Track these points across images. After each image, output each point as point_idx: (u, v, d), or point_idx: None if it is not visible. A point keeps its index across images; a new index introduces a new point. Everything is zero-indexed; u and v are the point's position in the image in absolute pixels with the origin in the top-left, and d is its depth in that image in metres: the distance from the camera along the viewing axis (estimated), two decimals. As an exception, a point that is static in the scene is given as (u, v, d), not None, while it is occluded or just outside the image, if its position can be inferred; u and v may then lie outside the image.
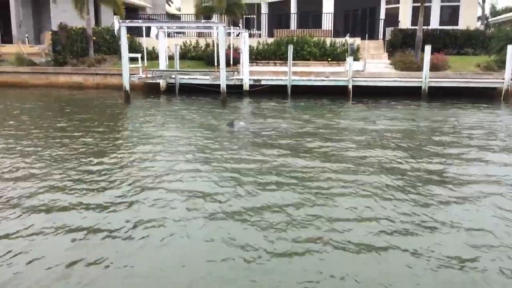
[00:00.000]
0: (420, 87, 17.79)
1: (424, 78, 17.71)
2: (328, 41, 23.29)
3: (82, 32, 23.26)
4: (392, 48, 23.80)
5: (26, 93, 20.06)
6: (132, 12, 31.86)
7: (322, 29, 26.27)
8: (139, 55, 18.56)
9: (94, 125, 11.79)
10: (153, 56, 22.02)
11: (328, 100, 17.24)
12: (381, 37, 26.51)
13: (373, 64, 21.77)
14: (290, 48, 18.77)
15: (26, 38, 27.50)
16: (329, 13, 26.96)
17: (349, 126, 11.95)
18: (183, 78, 19.37)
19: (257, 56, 23.11)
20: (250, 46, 20.50)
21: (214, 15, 26.61)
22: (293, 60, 18.99)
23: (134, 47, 22.08)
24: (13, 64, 22.61)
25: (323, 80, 18.71)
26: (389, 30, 25.49)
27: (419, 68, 18.64)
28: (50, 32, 24.45)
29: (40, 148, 8.98)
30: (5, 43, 26.73)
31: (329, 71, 20.23)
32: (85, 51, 23.14)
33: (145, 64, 18.72)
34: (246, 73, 18.69)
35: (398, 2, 27.01)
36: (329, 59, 22.69)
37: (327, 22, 26.71)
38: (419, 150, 9.10)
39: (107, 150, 8.90)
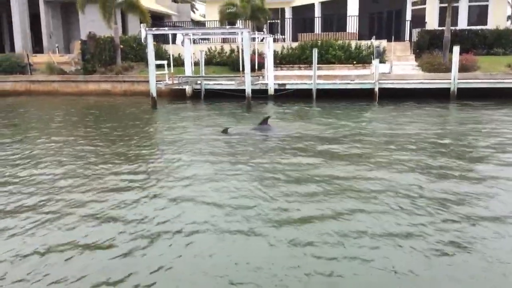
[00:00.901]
0: (449, 88, 17.44)
1: (453, 79, 17.36)
2: (353, 44, 23.11)
3: (110, 40, 23.79)
4: (419, 49, 23.41)
5: (57, 101, 20.62)
6: (158, 20, 32.40)
7: (347, 32, 26.08)
8: (165, 62, 18.84)
9: (123, 131, 12.02)
10: (179, 62, 22.30)
11: (354, 103, 17.09)
12: (408, 39, 26.10)
13: (399, 66, 21.46)
14: (315, 52, 18.72)
15: (57, 48, 28.30)
16: (354, 16, 26.76)
17: (376, 129, 11.81)
18: (209, 84, 19.55)
19: (281, 60, 23.12)
20: (274, 51, 20.54)
21: (238, 21, 26.79)
22: (317, 64, 18.93)
23: (160, 54, 22.43)
24: (45, 73, 23.30)
25: (349, 83, 18.56)
26: (415, 31, 25.09)
27: (447, 70, 18.29)
28: (79, 42, 25.12)
29: (75, 153, 9.21)
30: (37, 53, 27.58)
31: (354, 74, 20.07)
32: (113, 59, 23.64)
33: (171, 71, 18.99)
34: (271, 78, 18.73)
35: (425, 3, 26.57)
36: (355, 62, 22.48)
37: (352, 25, 26.51)
38: (454, 154, 8.89)
39: (136, 155, 9.05)
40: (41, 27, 28.50)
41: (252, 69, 17.97)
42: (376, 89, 17.69)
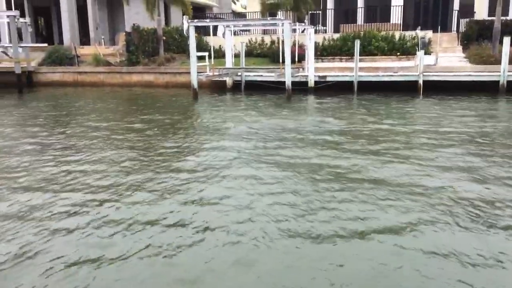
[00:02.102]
0: (498, 81, 16.70)
1: (503, 72, 16.60)
2: (397, 34, 22.49)
3: (153, 32, 24.26)
4: (467, 40, 22.51)
5: (103, 91, 21.29)
6: (200, 11, 32.69)
7: (391, 22, 25.40)
8: (206, 54, 19.01)
9: (165, 121, 12.29)
10: (219, 54, 22.46)
11: (397, 96, 16.67)
12: (455, 30, 25.15)
13: (446, 57, 20.73)
14: (357, 43, 18.36)
15: (102, 40, 29.13)
16: (398, 5, 26.01)
17: (420, 124, 11.47)
18: (249, 76, 19.61)
19: (322, 52, 22.83)
20: (315, 42, 20.29)
21: (279, 12, 26.63)
22: (360, 55, 18.56)
23: (201, 46, 22.65)
24: (91, 65, 24.08)
25: (392, 75, 18.11)
26: (463, 21, 24.12)
27: (497, 62, 17.47)
28: (124, 34, 25.75)
29: (120, 142, 9.52)
30: (84, 45, 28.51)
31: (398, 66, 19.53)
32: (156, 51, 24.10)
33: (212, 63, 19.15)
34: (311, 70, 18.55)
35: (474, -8, 25.48)
36: (398, 54, 21.91)
37: (396, 15, 25.79)
38: (504, 152, 8.55)
39: (179, 147, 9.23)
40: (88, 20, 29.40)
41: (293, 61, 17.85)
42: (421, 82, 17.17)
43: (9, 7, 26.12)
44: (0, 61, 23.51)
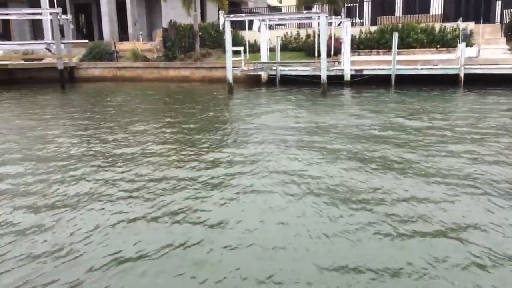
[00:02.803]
0: (545, 74, 15.98)
1: (551, 64, 15.87)
2: (437, 26, 21.87)
3: (189, 28, 24.56)
4: (511, 32, 21.62)
5: (141, 86, 21.75)
6: (235, 6, 32.83)
7: (431, 14, 24.74)
8: (241, 48, 19.09)
9: (202, 115, 12.44)
10: (254, 48, 22.52)
11: (437, 90, 16.23)
12: (498, 21, 24.20)
13: (488, 50, 19.99)
14: (395, 36, 17.96)
15: (140, 36, 29.74)
16: (438, -4, 25.27)
17: (463, 119, 11.13)
18: (284, 70, 19.56)
19: (359, 45, 22.50)
20: (352, 35, 20.00)
21: (315, 5, 26.38)
22: (398, 48, 18.14)
23: (237, 41, 22.77)
24: (129, 60, 24.63)
25: (431, 68, 17.64)
26: (507, 12, 23.16)
27: (544, 53, 16.72)
28: (161, 30, 26.20)
29: (162, 133, 9.74)
30: (123, 41, 29.19)
31: (438, 58, 19.01)
32: (192, 46, 24.41)
33: (247, 57, 19.22)
34: (348, 63, 18.30)
35: (520, -19, 24.36)
36: (438, 46, 21.31)
37: (436, 7, 25.07)
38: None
39: (215, 138, 9.35)
40: (127, 16, 30.06)
41: (328, 54, 17.67)
42: (462, 75, 16.64)
43: (51, 5, 27.01)
44: (43, 57, 24.41)
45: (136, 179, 6.72)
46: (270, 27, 23.48)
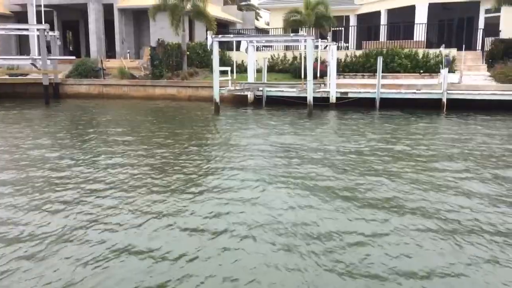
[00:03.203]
0: (525, 101, 16.39)
1: (530, 91, 16.30)
2: (420, 52, 22.37)
3: (177, 47, 24.70)
4: (492, 59, 22.23)
5: (127, 104, 21.67)
6: (223, 27, 33.19)
7: (414, 40, 25.29)
8: (228, 69, 19.23)
9: (187, 134, 12.44)
10: (241, 69, 22.70)
11: (420, 114, 16.49)
12: (479, 48, 24.89)
13: (470, 76, 20.49)
14: (380, 60, 18.31)
15: (128, 53, 29.79)
16: (422, 23, 25.92)
17: (443, 143, 11.31)
18: (270, 91, 19.72)
19: (344, 68, 22.84)
20: (337, 59, 20.33)
21: (302, 28, 26.83)
22: (382, 72, 18.48)
23: (224, 61, 22.94)
24: (116, 77, 24.57)
25: (415, 93, 17.97)
26: (488, 40, 23.85)
27: (524, 81, 17.19)
28: (149, 48, 26.27)
29: (140, 154, 9.66)
30: (110, 58, 29.19)
31: (421, 83, 19.40)
32: (179, 65, 24.50)
33: (234, 77, 19.34)
34: (333, 86, 18.55)
35: (499, 11, 25.18)
36: (421, 71, 21.76)
37: (420, 33, 25.69)
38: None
39: (199, 158, 9.31)
40: (115, 34, 30.14)
41: (314, 76, 17.91)
42: (444, 100, 16.98)
43: (39, 21, 26.98)
44: (29, 72, 24.23)
45: (106, 202, 6.63)
46: (258, 49, 23.74)
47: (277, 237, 5.21)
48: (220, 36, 19.19)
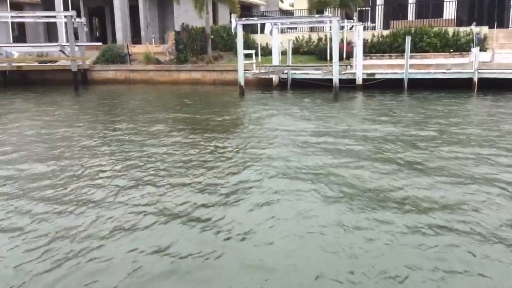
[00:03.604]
0: (561, 79, 15.76)
1: None
2: (450, 31, 21.71)
3: (201, 31, 24.69)
4: (526, 36, 21.40)
5: (153, 88, 21.89)
6: (247, 10, 32.92)
7: (444, 18, 24.57)
8: (253, 52, 19.13)
9: (211, 119, 12.46)
10: (266, 51, 22.54)
11: (450, 94, 16.08)
12: (513, 25, 24.01)
13: (503, 54, 19.77)
14: (408, 40, 17.87)
15: (153, 39, 29.94)
16: (452, 1, 25.09)
17: (475, 124, 11.00)
18: (295, 73, 19.55)
19: (371, 49, 22.43)
20: (364, 39, 19.93)
21: (327, 9, 26.38)
22: (410, 52, 18.05)
23: (248, 44, 22.81)
24: (142, 63, 24.80)
25: (444, 72, 17.50)
26: (522, 16, 22.95)
27: (560, 58, 16.49)
28: (173, 32, 26.35)
29: (171, 136, 9.77)
30: (135, 44, 29.42)
31: (451, 63, 18.87)
32: (204, 49, 24.51)
33: (259, 60, 19.24)
34: (360, 67, 18.24)
35: (535, -15, 24.14)
36: (451, 50, 21.14)
37: (450, 11, 24.90)
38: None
39: (226, 141, 9.35)
40: (140, 19, 30.31)
41: (340, 58, 17.63)
42: (475, 79, 16.48)
43: (66, 8, 27.35)
44: (58, 59, 24.69)
45: (145, 183, 6.74)
46: (282, 31, 23.49)
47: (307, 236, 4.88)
48: (244, 19, 19.11)
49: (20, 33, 33.96)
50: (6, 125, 12.05)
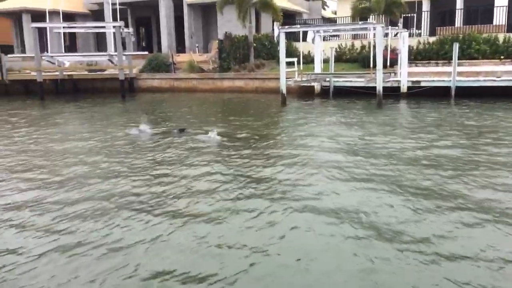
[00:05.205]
0: None
1: None
2: (501, 37, 20.89)
3: (244, 39, 24.97)
4: None
5: (197, 96, 22.31)
6: (289, 18, 32.99)
7: (494, 24, 23.66)
8: (295, 60, 19.13)
9: (254, 127, 12.54)
10: (308, 59, 22.48)
11: (500, 103, 15.43)
12: None
13: (558, 61, 18.84)
14: (456, 46, 17.35)
15: (197, 47, 30.60)
16: (503, 6, 24.14)
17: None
18: (338, 81, 19.37)
19: (416, 56, 21.92)
20: (409, 46, 19.51)
21: (371, 16, 26.04)
22: (458, 59, 17.49)
23: (290, 52, 22.84)
24: (186, 71, 25.35)
25: (494, 80, 16.84)
26: None
27: None
28: (216, 41, 26.80)
29: (225, 142, 9.93)
30: (180, 53, 30.14)
31: (501, 70, 18.13)
32: (246, 57, 24.76)
33: (301, 68, 19.22)
34: (405, 74, 17.86)
35: None
36: (502, 57, 20.32)
37: (500, 16, 23.95)
38: None
39: (268, 149, 9.38)
40: (184, 28, 31.06)
41: (384, 65, 17.34)
42: (528, 87, 15.76)
43: (114, 18, 28.42)
44: (106, 68, 25.66)
45: (188, 186, 6.86)
46: (324, 38, 23.37)
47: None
48: (287, 27, 19.15)
49: (71, 43, 35.64)
50: (73, 134, 12.62)
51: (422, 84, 17.76)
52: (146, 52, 28.40)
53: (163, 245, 4.81)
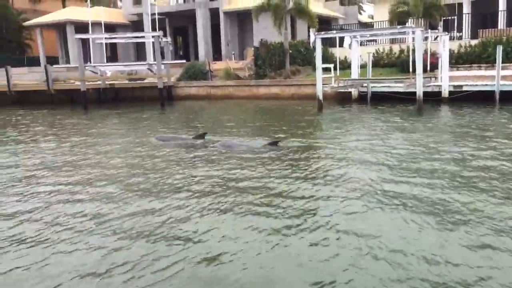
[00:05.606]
0: None
1: None
2: (548, 38, 20.04)
3: (279, 46, 25.04)
4: None
5: (233, 103, 22.51)
6: (325, 24, 32.86)
7: (540, 25, 22.73)
8: (331, 65, 19.00)
9: (292, 132, 12.51)
10: (344, 65, 22.28)
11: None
12: None
13: None
14: (499, 49, 16.77)
15: (233, 55, 30.92)
16: (549, 6, 23.19)
17: None
18: (375, 87, 19.10)
19: (457, 60, 21.32)
20: (450, 50, 19.01)
21: (409, 20, 25.57)
22: (502, 62, 16.90)
23: (326, 58, 22.71)
24: (222, 79, 25.66)
25: (542, 84, 16.17)
26: None
27: None
28: (252, 48, 27.00)
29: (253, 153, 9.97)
30: (216, 60, 30.55)
31: (549, 73, 17.38)
32: (282, 64, 24.80)
33: (337, 74, 19.08)
34: (446, 79, 17.41)
35: None
36: (549, 59, 19.49)
37: (547, 17, 23.00)
38: None
39: (305, 154, 9.34)
40: (220, 36, 31.47)
41: (424, 70, 16.96)
42: None
43: (153, 28, 29.14)
44: (145, 77, 26.32)
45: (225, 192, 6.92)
46: (361, 43, 23.12)
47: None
48: (323, 32, 19.10)
49: (112, 53, 36.81)
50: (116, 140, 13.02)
51: (464, 88, 17.26)
52: (183, 61, 28.94)
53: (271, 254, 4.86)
